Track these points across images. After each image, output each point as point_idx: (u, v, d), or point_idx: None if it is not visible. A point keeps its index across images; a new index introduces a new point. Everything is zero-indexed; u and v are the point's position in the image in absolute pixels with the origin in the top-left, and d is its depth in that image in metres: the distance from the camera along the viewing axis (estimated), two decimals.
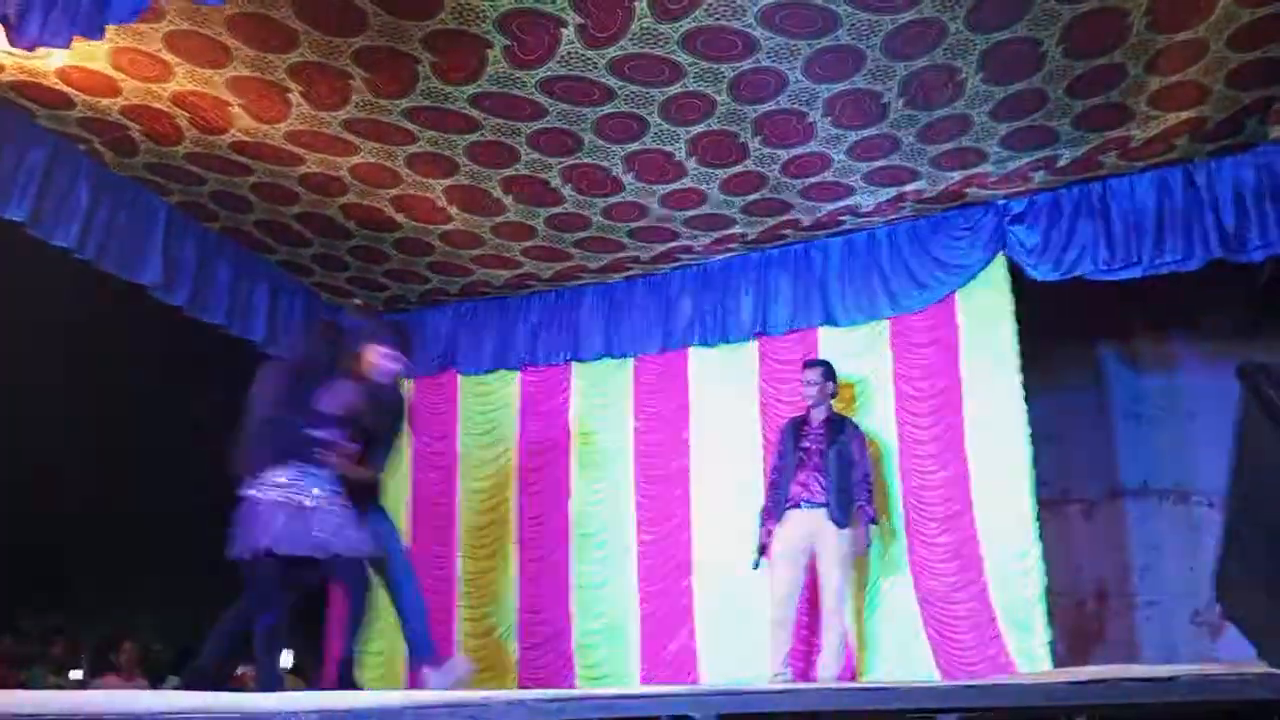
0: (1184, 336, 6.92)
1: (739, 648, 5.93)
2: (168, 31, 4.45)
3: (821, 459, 5.41)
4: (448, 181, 5.65)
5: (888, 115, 5.04)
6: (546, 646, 6.50)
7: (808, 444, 5.49)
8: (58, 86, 4.89)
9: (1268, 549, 2.33)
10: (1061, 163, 5.49)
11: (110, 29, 4.04)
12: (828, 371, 5.63)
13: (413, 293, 7.11)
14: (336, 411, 4.39)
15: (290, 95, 4.89)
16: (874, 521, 5.47)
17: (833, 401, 5.72)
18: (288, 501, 4.23)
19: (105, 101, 4.99)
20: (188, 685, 4.34)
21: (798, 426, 5.61)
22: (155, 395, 6.51)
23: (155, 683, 7.27)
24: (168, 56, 4.63)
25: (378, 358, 4.72)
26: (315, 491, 4.29)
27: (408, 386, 5.87)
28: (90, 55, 4.59)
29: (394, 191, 5.78)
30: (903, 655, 5.63)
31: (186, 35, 4.47)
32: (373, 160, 5.45)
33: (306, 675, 7.15)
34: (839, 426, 5.53)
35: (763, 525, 5.55)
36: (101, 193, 5.49)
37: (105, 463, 6.44)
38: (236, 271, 6.40)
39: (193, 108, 5.02)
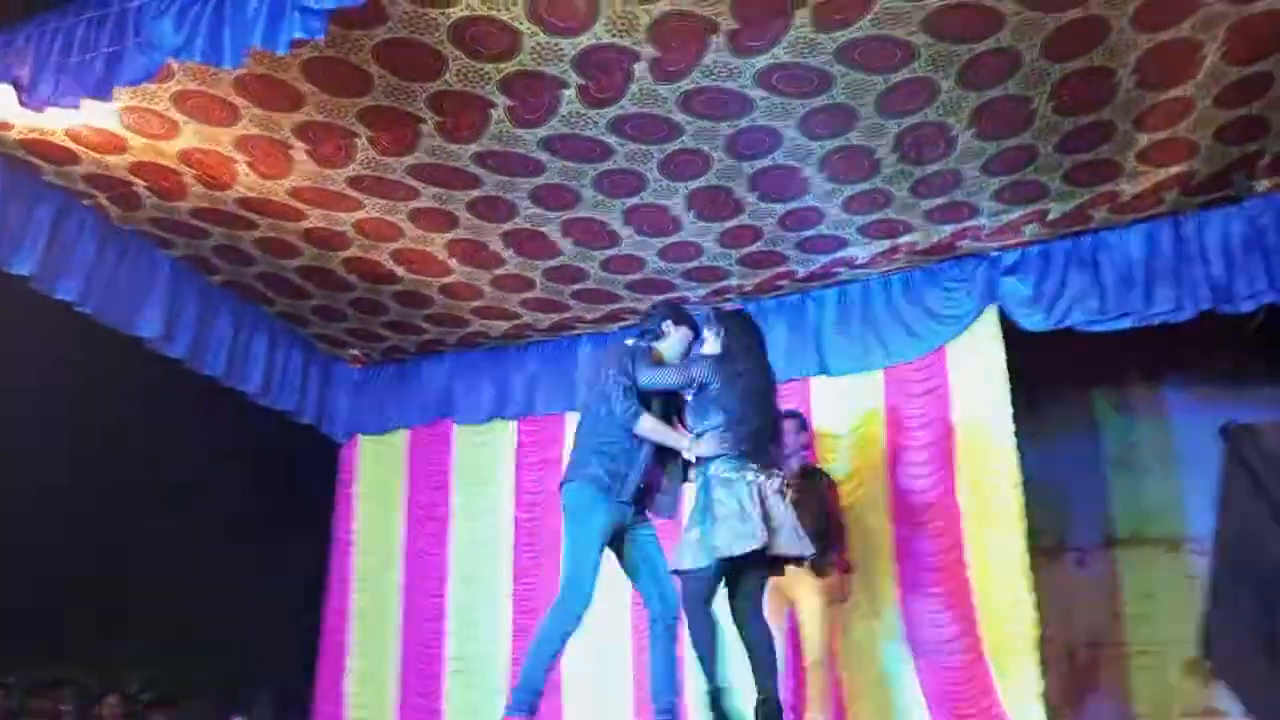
0: (1176, 385, 6.99)
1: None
2: (176, 91, 4.55)
3: (796, 509, 5.42)
4: (449, 235, 5.74)
5: (881, 170, 5.14)
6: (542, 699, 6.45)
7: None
8: (65, 144, 4.99)
9: (1253, 605, 2.37)
10: (1052, 216, 5.58)
11: (119, 88, 4.14)
12: (801, 422, 5.66)
13: (411, 343, 7.17)
14: None
15: (295, 153, 4.98)
16: (849, 570, 5.48)
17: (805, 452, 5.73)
18: None
19: (112, 159, 5.09)
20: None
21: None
22: (145, 450, 6.52)
23: None
24: (175, 115, 4.73)
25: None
26: None
27: None
28: (99, 114, 4.68)
29: (396, 245, 5.86)
30: (895, 707, 5.61)
31: (194, 95, 4.57)
32: (376, 215, 5.54)
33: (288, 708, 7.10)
34: (813, 476, 5.55)
35: None
36: (105, 246, 5.59)
37: (98, 517, 6.44)
38: (235, 323, 6.47)
39: (199, 164, 5.11)
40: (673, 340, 4.46)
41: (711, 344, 4.40)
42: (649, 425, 4.19)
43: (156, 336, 5.89)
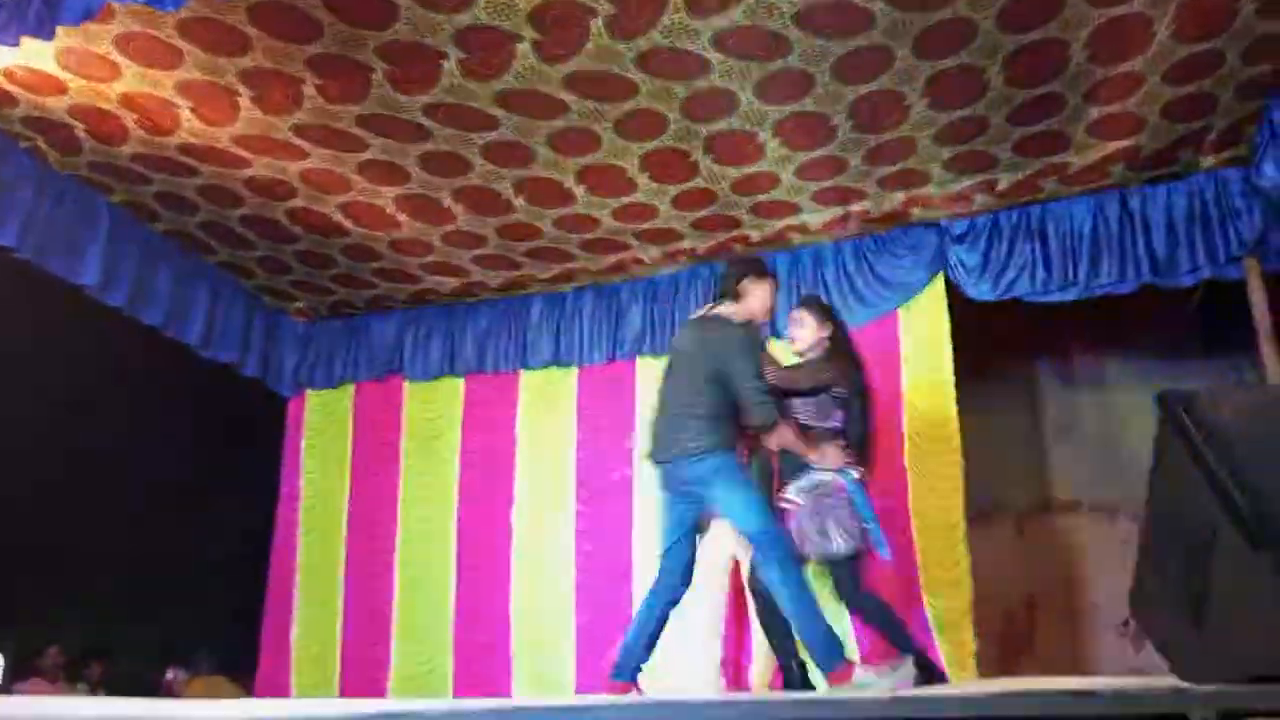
0: (1117, 356, 7.14)
1: (676, 658, 5.98)
2: (118, 33, 4.42)
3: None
4: (398, 189, 5.66)
5: (836, 137, 5.16)
6: (485, 655, 6.49)
7: None
8: (2, 85, 4.82)
9: (1181, 568, 2.44)
10: (1001, 186, 5.65)
11: (59, 28, 4.01)
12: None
13: (359, 298, 7.09)
14: None
15: (240, 99, 4.87)
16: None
17: None
18: None
19: (50, 100, 4.94)
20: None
21: None
22: (89, 397, 6.40)
23: (77, 686, 7.15)
24: (117, 57, 4.59)
25: None
26: None
27: None
28: (37, 54, 4.54)
29: (343, 198, 5.77)
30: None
31: (137, 37, 4.44)
32: (322, 166, 5.44)
33: (240, 678, 7.07)
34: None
35: None
36: (43, 191, 5.42)
37: (37, 470, 6.32)
38: (177, 273, 6.33)
39: (140, 109, 4.98)
40: (757, 297, 4.25)
41: (813, 332, 4.42)
42: (787, 439, 4.16)
43: (95, 284, 5.74)
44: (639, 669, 3.97)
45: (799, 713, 2.42)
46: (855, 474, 4.33)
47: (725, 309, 4.20)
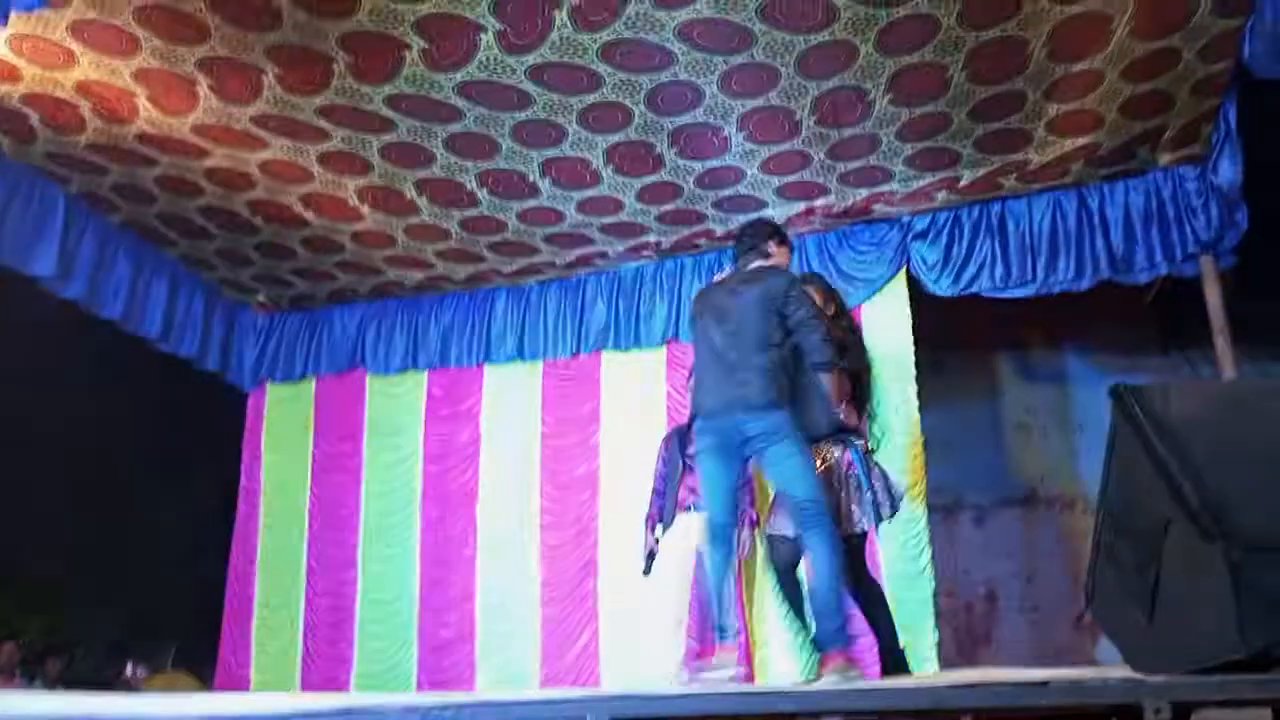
0: (1076, 351, 7.24)
1: (641, 651, 5.99)
2: (73, 20, 4.34)
3: None
4: (361, 181, 5.61)
5: (800, 132, 5.18)
6: (449, 650, 6.47)
7: (693, 450, 5.56)
8: None
9: (1134, 560, 2.48)
10: (963, 183, 5.69)
11: (12, 14, 3.93)
12: None
13: (321, 291, 7.02)
14: None
15: (199, 88, 4.80)
16: (756, 524, 5.58)
17: None
18: None
19: (3, 88, 4.84)
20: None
21: (683, 434, 5.67)
22: (47, 393, 6.30)
23: (32, 682, 7.04)
24: (72, 44, 4.51)
25: None
26: None
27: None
28: None
29: (304, 189, 5.71)
30: (797, 655, 5.75)
31: (92, 24, 4.37)
32: (283, 157, 5.38)
33: (198, 672, 7.01)
34: None
35: (649, 532, 5.61)
36: None
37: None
38: (135, 265, 6.24)
39: (96, 97, 4.90)
40: (784, 258, 4.15)
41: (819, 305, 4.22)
42: (835, 386, 3.93)
43: (52, 276, 5.65)
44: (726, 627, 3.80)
45: (763, 705, 2.43)
46: (861, 445, 4.25)
47: (769, 261, 4.05)
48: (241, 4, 4.21)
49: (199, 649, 6.99)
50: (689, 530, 5.44)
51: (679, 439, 5.64)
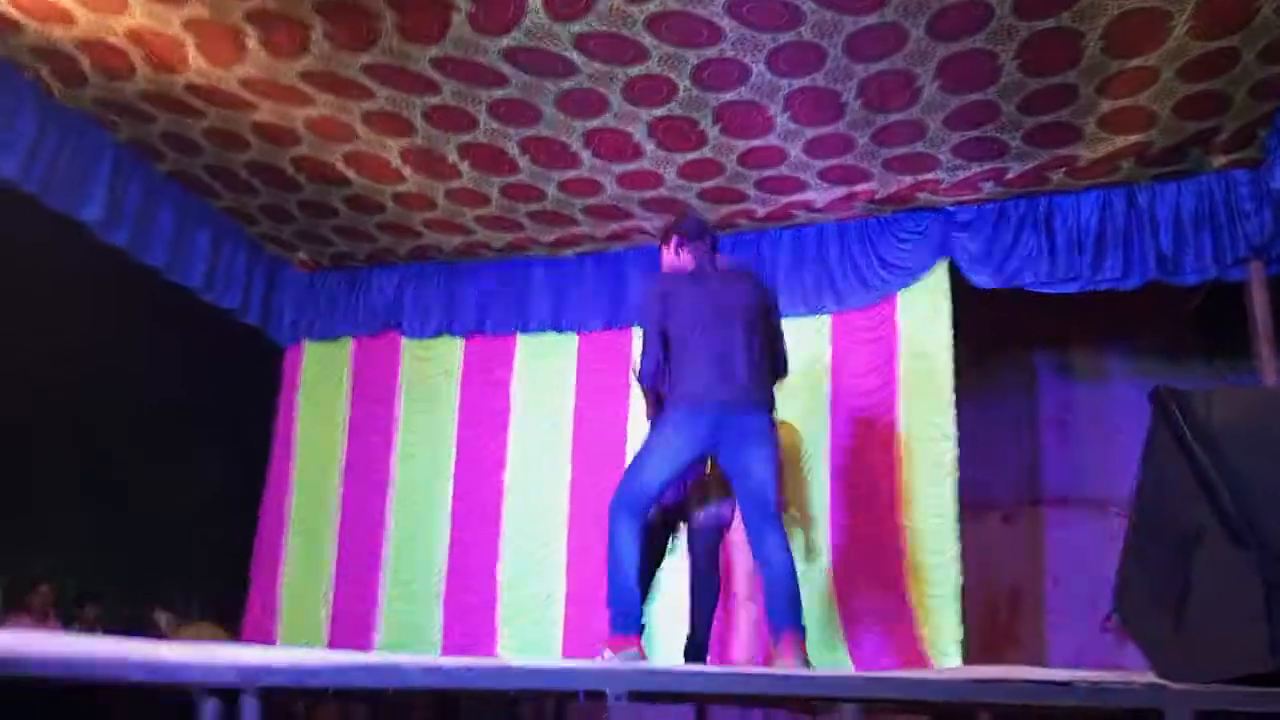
0: (1117, 352, 7.12)
1: (660, 626, 6.01)
2: None
3: None
4: (404, 142, 5.61)
5: (845, 115, 5.11)
6: (472, 615, 6.51)
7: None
8: (8, 10, 4.76)
9: (1163, 565, 2.43)
10: (1010, 175, 5.60)
11: None
12: None
13: (360, 251, 7.05)
14: None
15: (248, 40, 4.81)
16: (782, 510, 5.55)
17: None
18: None
19: (57, 30, 4.87)
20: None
21: None
22: (82, 345, 6.36)
23: (68, 626, 7.15)
24: None
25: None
26: None
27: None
28: None
29: (348, 147, 5.72)
30: (820, 643, 5.73)
31: None
32: (328, 114, 5.39)
33: (226, 624, 7.10)
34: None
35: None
36: (47, 123, 5.36)
37: (32, 408, 6.29)
38: (179, 215, 6.28)
39: (147, 44, 4.92)
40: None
41: None
42: None
43: (97, 221, 5.70)
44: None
45: (784, 688, 2.42)
46: None
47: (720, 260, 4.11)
48: None
49: (228, 602, 7.07)
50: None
51: None
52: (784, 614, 3.69)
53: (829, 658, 5.64)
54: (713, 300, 3.88)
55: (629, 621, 3.74)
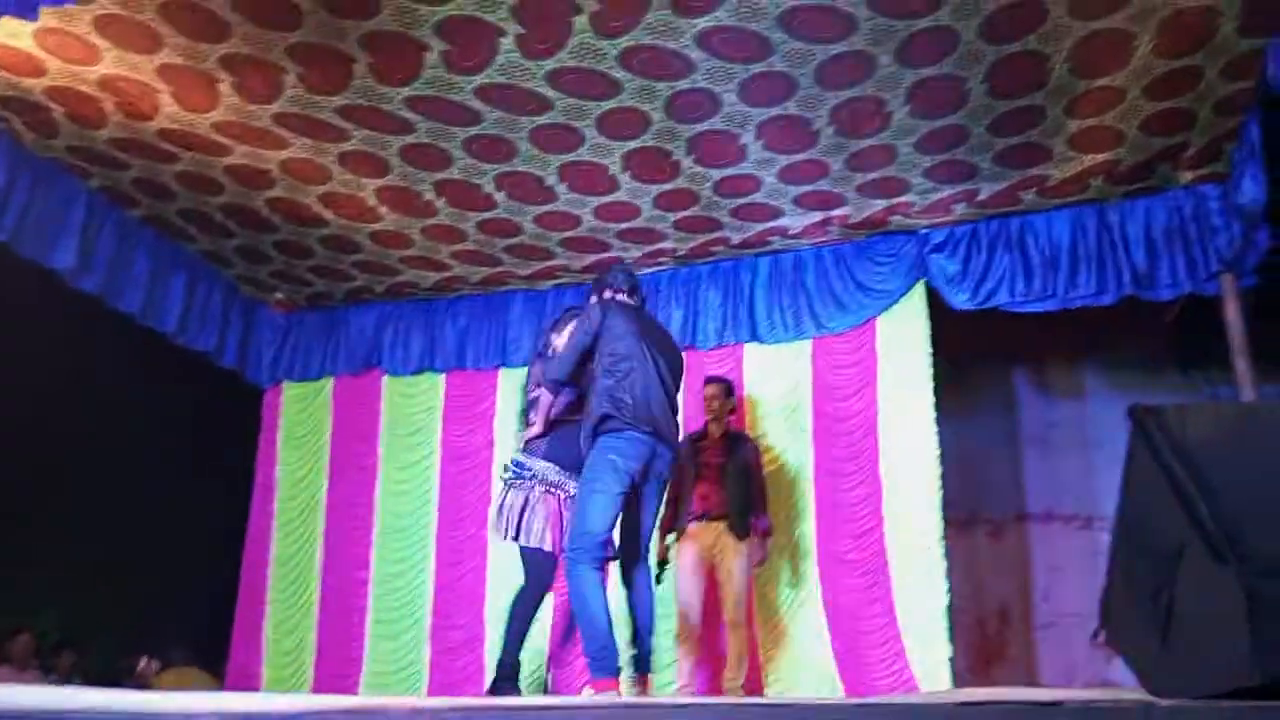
0: (1095, 367, 7.18)
1: (652, 657, 5.98)
2: (98, 14, 4.37)
3: (720, 473, 5.47)
4: (379, 181, 5.63)
5: (818, 142, 5.16)
6: (459, 652, 6.46)
7: (706, 458, 5.54)
8: None
9: (1150, 581, 2.44)
10: (981, 196, 5.66)
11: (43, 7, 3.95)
12: (728, 389, 5.71)
13: (338, 290, 7.04)
14: None
15: (220, 85, 4.83)
16: (768, 533, 5.56)
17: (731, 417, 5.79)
18: None
19: (29, 81, 4.88)
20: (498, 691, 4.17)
21: (695, 441, 5.67)
22: (64, 386, 6.32)
23: (47, 675, 7.05)
24: (96, 40, 4.55)
25: None
26: None
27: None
28: (14, 33, 4.49)
29: (323, 188, 5.73)
30: (808, 669, 5.72)
31: (116, 20, 4.40)
32: (303, 155, 5.41)
33: (211, 668, 7.01)
34: (736, 441, 5.60)
35: (661, 539, 5.60)
36: (18, 173, 5.36)
37: (10, 456, 6.24)
38: (154, 260, 6.27)
39: (119, 92, 4.93)
40: None
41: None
42: None
43: (70, 268, 5.68)
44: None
45: (766, 715, 2.41)
46: None
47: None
48: (263, 2, 4.23)
49: (211, 646, 6.99)
50: (701, 538, 5.43)
51: (691, 446, 5.63)
52: (649, 658, 4.04)
53: (818, 682, 5.62)
54: (659, 342, 4.20)
55: (609, 665, 3.78)
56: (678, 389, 4.23)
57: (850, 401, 6.08)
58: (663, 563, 5.50)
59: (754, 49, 4.45)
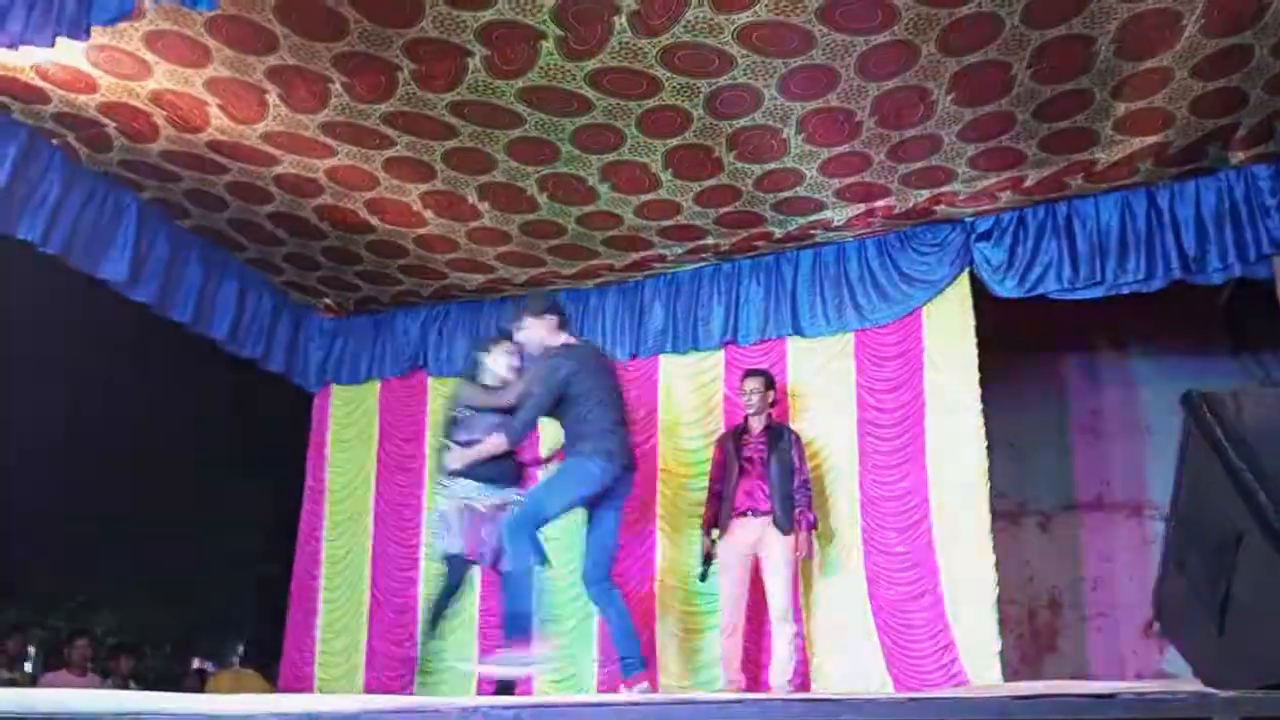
0: (1144, 354, 7.08)
1: (697, 655, 6.00)
2: (148, 31, 4.47)
3: (764, 467, 5.47)
4: (424, 186, 5.69)
5: (860, 133, 5.14)
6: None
7: (749, 453, 5.54)
8: (34, 82, 4.89)
9: (1206, 571, 2.42)
10: (1028, 183, 5.60)
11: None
12: (768, 381, 5.71)
13: (385, 294, 7.13)
14: None
15: (268, 96, 4.91)
16: (814, 527, 5.55)
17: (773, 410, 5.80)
18: None
19: (82, 98, 5.00)
20: None
21: (737, 436, 5.66)
22: (119, 395, 6.47)
23: (106, 679, 7.22)
24: (147, 55, 4.64)
25: None
26: None
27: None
28: (68, 51, 4.57)
29: (369, 194, 5.81)
30: (856, 663, 5.71)
31: (166, 35, 4.49)
32: (349, 163, 5.48)
33: (265, 669, 7.15)
34: (778, 434, 5.59)
35: (705, 535, 5.61)
36: (72, 188, 5.48)
37: (66, 459, 6.39)
38: (205, 269, 6.39)
39: (170, 106, 5.03)
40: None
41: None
42: None
43: (122, 280, 5.81)
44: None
45: (825, 714, 2.42)
46: None
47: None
48: (309, 13, 4.30)
49: (264, 647, 7.12)
50: (745, 534, 5.45)
51: (734, 441, 5.64)
52: (637, 660, 4.37)
53: (866, 676, 5.61)
54: (608, 377, 4.71)
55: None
56: (620, 402, 4.71)
57: (895, 393, 6.05)
58: (707, 560, 5.52)
59: (794, 43, 4.44)
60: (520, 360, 5.02)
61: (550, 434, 5.46)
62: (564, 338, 4.77)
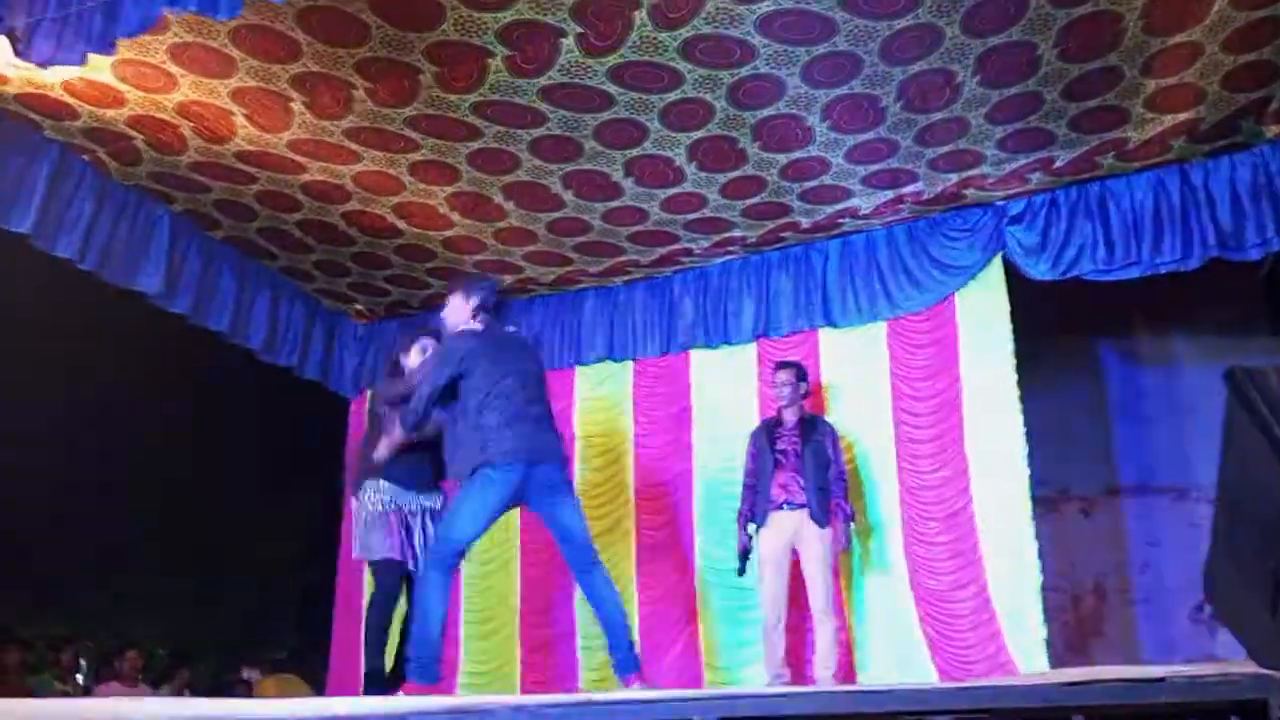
0: (1183, 333, 6.96)
1: (740, 650, 5.98)
2: (172, 43, 4.51)
3: (799, 459, 5.42)
4: (450, 188, 5.71)
5: (885, 119, 5.09)
6: (550, 649, 6.53)
7: (784, 445, 5.49)
8: (63, 98, 4.95)
9: (1255, 550, 2.37)
10: (1059, 164, 5.53)
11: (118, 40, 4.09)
12: (800, 372, 5.67)
13: (414, 298, 7.16)
14: None
15: (293, 105, 4.94)
16: (851, 518, 5.50)
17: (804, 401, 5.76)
18: None
19: (110, 113, 5.05)
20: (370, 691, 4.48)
21: (770, 429, 5.62)
22: (157, 404, 6.54)
23: (157, 689, 7.30)
24: (172, 68, 4.69)
25: None
26: None
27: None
28: (95, 67, 4.63)
29: (396, 199, 5.83)
30: (900, 654, 5.66)
31: (190, 47, 4.53)
32: (375, 168, 5.51)
33: (312, 676, 7.20)
34: (812, 426, 5.55)
35: (742, 530, 5.58)
36: (105, 202, 5.56)
37: (108, 478, 6.47)
38: (238, 279, 6.45)
39: (197, 117, 5.08)
40: None
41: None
42: None
43: (158, 293, 5.88)
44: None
45: (876, 704, 2.40)
46: None
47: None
48: (330, 20, 4.32)
49: (310, 653, 7.17)
50: (782, 527, 5.41)
51: (768, 434, 5.61)
52: (628, 660, 4.03)
53: (911, 667, 5.56)
54: (513, 365, 4.20)
55: (428, 672, 3.96)
56: (546, 397, 4.30)
57: (930, 381, 6.00)
58: (744, 554, 5.49)
59: (816, 30, 4.40)
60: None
61: None
62: (478, 322, 4.34)
